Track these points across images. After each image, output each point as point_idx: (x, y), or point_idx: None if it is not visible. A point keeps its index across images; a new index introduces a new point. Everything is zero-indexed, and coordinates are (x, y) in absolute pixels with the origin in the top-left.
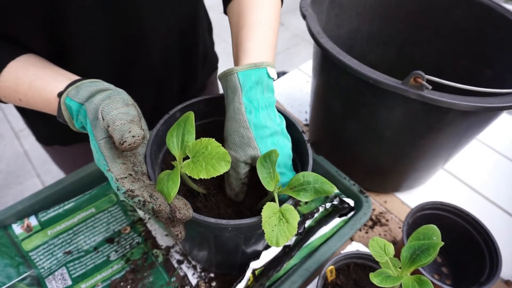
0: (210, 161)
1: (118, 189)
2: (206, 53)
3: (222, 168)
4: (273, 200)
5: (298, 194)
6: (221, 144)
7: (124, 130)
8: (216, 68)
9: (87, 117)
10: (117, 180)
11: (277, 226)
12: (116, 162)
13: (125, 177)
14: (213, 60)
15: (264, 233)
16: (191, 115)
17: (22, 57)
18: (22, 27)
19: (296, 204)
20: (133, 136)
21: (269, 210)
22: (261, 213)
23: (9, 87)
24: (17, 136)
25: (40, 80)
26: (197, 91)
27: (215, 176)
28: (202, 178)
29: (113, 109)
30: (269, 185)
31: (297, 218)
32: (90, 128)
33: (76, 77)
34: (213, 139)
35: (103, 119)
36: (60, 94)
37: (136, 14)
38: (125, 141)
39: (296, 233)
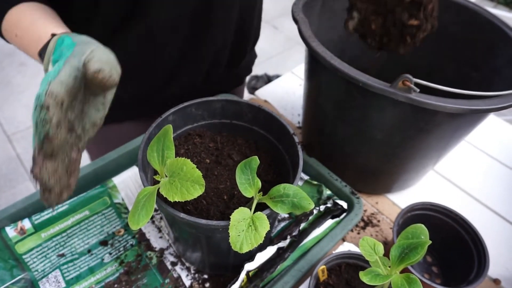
0: (185, 183)
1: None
2: (256, 37)
3: (196, 192)
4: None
5: (275, 205)
6: (196, 167)
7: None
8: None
9: (72, 47)
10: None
11: (245, 231)
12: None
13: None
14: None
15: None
16: (170, 129)
17: (37, 3)
18: None
19: (272, 214)
20: (113, 70)
21: (239, 214)
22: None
23: (11, 22)
24: (9, 140)
25: (42, 20)
26: (242, 72)
27: (189, 199)
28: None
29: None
30: (246, 192)
31: (266, 227)
32: (65, 55)
33: None
34: (189, 160)
35: (87, 58)
36: (53, 35)
37: None
38: (104, 70)
39: (291, 236)
